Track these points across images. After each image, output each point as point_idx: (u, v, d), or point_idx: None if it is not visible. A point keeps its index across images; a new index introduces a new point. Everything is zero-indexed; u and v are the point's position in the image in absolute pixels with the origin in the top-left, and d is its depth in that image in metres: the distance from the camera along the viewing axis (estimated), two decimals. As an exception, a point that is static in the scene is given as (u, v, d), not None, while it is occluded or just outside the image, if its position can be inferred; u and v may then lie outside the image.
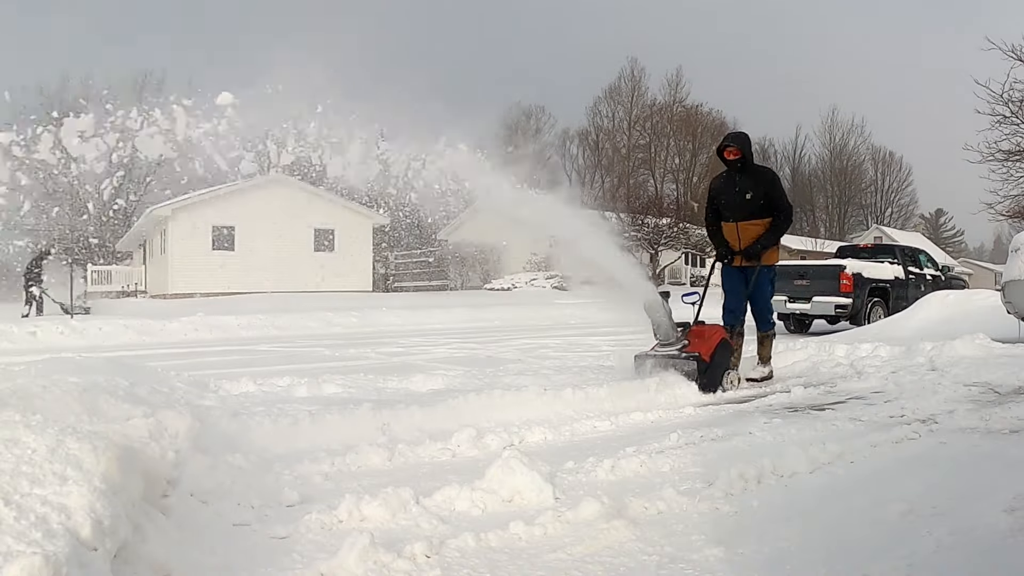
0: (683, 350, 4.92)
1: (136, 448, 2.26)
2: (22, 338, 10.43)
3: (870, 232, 54.85)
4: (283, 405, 3.88)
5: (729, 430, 3.52)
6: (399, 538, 2.05)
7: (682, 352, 4.91)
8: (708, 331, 5.18)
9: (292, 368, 6.66)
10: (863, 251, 14.41)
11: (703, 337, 5.06)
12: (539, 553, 2.01)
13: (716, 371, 4.93)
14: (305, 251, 26.69)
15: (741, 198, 5.46)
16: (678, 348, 4.95)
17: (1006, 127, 16.56)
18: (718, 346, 4.99)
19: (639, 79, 51.92)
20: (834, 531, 2.16)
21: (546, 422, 3.74)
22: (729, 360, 5.12)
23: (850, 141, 65.68)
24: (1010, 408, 3.93)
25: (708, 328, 5.23)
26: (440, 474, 2.80)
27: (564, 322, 15.06)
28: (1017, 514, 2.21)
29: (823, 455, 2.91)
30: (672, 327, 5.01)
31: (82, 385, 2.88)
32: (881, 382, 5.03)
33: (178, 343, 10.71)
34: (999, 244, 64.40)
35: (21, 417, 2.19)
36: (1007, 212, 18.40)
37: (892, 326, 9.95)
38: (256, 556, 1.98)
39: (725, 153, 5.46)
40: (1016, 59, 15.62)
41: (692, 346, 4.96)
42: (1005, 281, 8.42)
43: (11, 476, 1.66)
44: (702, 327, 5.26)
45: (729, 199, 5.54)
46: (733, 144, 5.43)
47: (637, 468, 2.82)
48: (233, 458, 2.74)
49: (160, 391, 3.42)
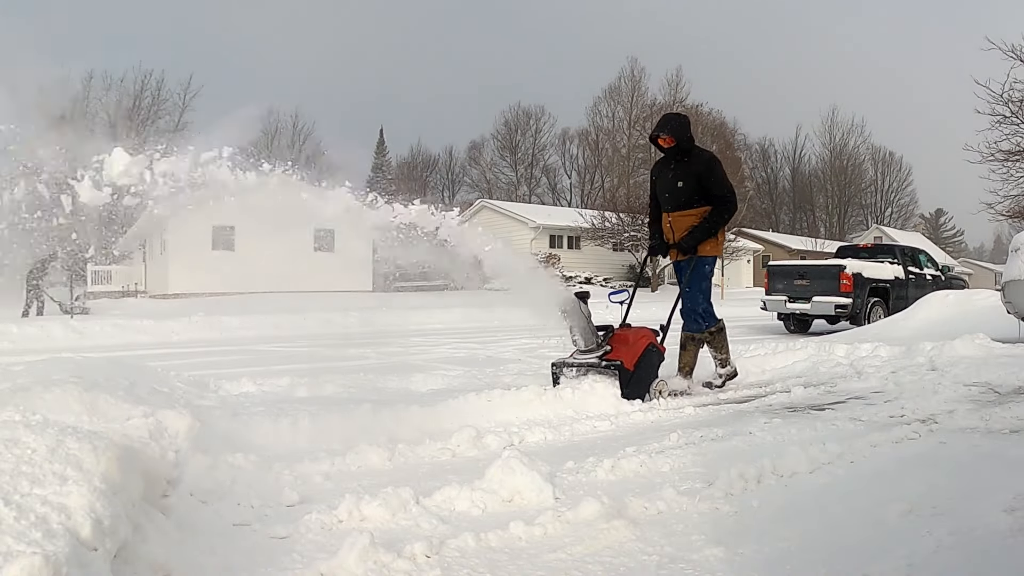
0: (604, 357, 4.46)
1: (136, 448, 2.26)
2: (22, 338, 10.43)
3: (870, 232, 54.89)
4: (283, 405, 3.88)
5: (729, 430, 3.52)
6: (399, 538, 2.05)
7: (603, 360, 4.45)
8: (634, 336, 4.68)
9: (292, 368, 6.66)
10: (863, 251, 14.42)
11: (627, 342, 4.58)
12: (539, 553, 2.01)
13: (641, 379, 4.49)
14: (305, 251, 26.69)
15: (673, 186, 4.97)
16: (598, 355, 4.48)
17: (1006, 127, 16.55)
18: (644, 352, 4.55)
19: (639, 79, 51.90)
20: (834, 531, 2.15)
21: (545, 422, 3.75)
22: (657, 367, 4.69)
23: (850, 141, 65.79)
24: (1010, 408, 3.93)
25: (633, 332, 4.74)
26: (440, 474, 2.80)
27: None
28: (1017, 514, 2.21)
29: (823, 455, 2.91)
30: (591, 332, 4.54)
31: (82, 385, 2.87)
32: (881, 382, 5.03)
33: (178, 343, 10.71)
34: (999, 244, 64.41)
35: (21, 417, 2.19)
36: (1007, 212, 18.40)
37: (892, 326, 9.96)
38: (256, 556, 1.98)
39: (659, 141, 4.96)
40: (1016, 59, 15.61)
41: (614, 353, 4.49)
42: (1005, 281, 8.42)
43: (11, 476, 1.66)
44: (626, 331, 4.77)
45: (663, 188, 5.08)
46: (665, 132, 4.90)
47: (637, 468, 2.82)
48: (233, 458, 2.74)
49: (160, 391, 3.42)
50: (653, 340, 4.72)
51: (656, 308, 20.50)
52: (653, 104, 50.66)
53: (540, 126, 61.24)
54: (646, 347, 4.59)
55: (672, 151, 4.96)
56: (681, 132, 4.89)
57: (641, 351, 4.54)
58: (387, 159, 64.84)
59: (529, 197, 57.84)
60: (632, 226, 31.27)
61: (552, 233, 33.90)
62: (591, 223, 32.19)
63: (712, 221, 4.88)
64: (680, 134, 4.88)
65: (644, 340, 4.64)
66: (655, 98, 51.68)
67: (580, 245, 34.27)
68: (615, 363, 4.39)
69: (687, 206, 4.94)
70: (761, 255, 43.15)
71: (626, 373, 4.37)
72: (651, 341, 4.69)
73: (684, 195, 4.93)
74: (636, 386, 4.40)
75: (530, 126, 61.47)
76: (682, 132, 4.90)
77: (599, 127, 55.04)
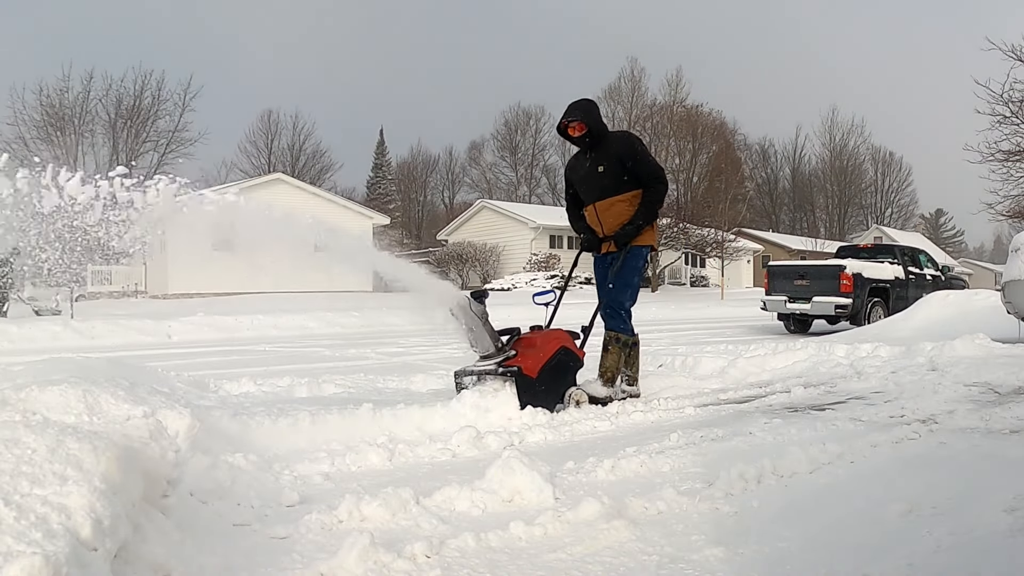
0: (503, 364, 3.97)
1: (136, 448, 2.26)
2: (22, 338, 10.43)
3: (870, 232, 54.91)
4: (283, 405, 3.88)
5: (729, 430, 3.52)
6: (399, 538, 2.05)
7: (500, 367, 3.96)
8: (542, 339, 4.21)
9: (292, 368, 6.66)
10: (863, 251, 14.44)
11: (533, 347, 4.12)
12: (539, 553, 2.01)
13: (549, 388, 4.05)
14: (305, 251, 26.68)
15: (594, 174, 4.53)
16: (497, 361, 3.99)
17: (1006, 127, 16.59)
18: (552, 358, 4.10)
19: (639, 79, 51.89)
20: (834, 531, 2.16)
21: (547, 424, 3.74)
22: (572, 374, 4.26)
23: (850, 141, 65.83)
24: (1010, 408, 3.93)
25: (543, 335, 4.27)
26: (440, 474, 2.81)
27: (565, 322, 15.02)
28: (1017, 514, 2.21)
29: (823, 455, 2.91)
30: (491, 336, 4.04)
31: (82, 385, 2.87)
32: (881, 382, 5.03)
33: (178, 343, 10.71)
34: (999, 244, 64.44)
35: (21, 417, 2.19)
36: (1007, 212, 18.43)
37: (892, 326, 9.96)
38: (256, 556, 1.98)
39: (569, 131, 4.47)
40: (1016, 59, 15.64)
41: (517, 358, 4.01)
42: (1005, 281, 8.43)
43: (11, 476, 1.66)
44: (534, 334, 4.29)
45: (582, 180, 4.64)
46: (574, 119, 4.42)
47: (637, 468, 2.82)
48: (233, 458, 2.75)
49: (160, 391, 3.42)
50: (567, 343, 4.26)
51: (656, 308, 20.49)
52: (653, 104, 50.65)
53: (540, 126, 61.25)
54: (555, 352, 4.13)
55: (585, 141, 4.51)
56: (591, 117, 4.45)
57: (548, 356, 4.08)
58: (387, 159, 64.86)
59: (529, 197, 57.85)
60: (632, 226, 31.27)
61: (552, 233, 33.90)
62: (591, 223, 32.16)
63: (648, 204, 4.46)
64: (591, 119, 4.44)
65: (554, 344, 4.17)
66: (655, 98, 51.71)
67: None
68: (512, 370, 3.92)
69: (614, 191, 4.50)
70: (761, 255, 43.17)
71: (526, 380, 3.91)
72: (563, 345, 4.22)
73: (608, 180, 4.48)
74: (542, 395, 3.97)
75: (530, 126, 61.51)
76: (592, 117, 4.46)
77: (599, 127, 55.02)
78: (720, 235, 33.49)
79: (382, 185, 63.44)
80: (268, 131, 55.76)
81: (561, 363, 4.18)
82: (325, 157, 57.47)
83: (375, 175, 63.84)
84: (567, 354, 4.24)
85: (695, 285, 37.17)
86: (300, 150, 56.44)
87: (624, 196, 4.50)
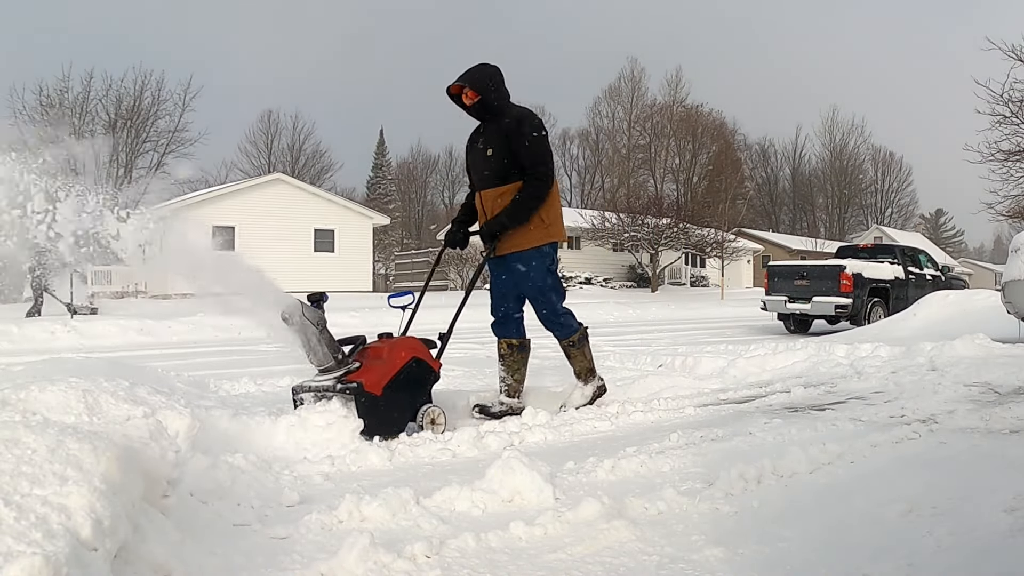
0: (342, 379, 3.45)
1: (136, 448, 2.26)
2: (22, 338, 10.43)
3: (870, 232, 54.91)
4: (283, 405, 3.88)
5: (729, 430, 3.52)
6: (399, 538, 2.05)
7: (339, 382, 3.44)
8: (391, 349, 3.65)
9: (292, 368, 6.65)
10: (863, 251, 14.45)
11: (380, 358, 3.59)
12: (539, 553, 2.01)
13: (395, 406, 3.51)
14: (305, 251, 26.72)
15: (483, 156, 3.92)
16: (337, 376, 3.47)
17: (1006, 127, 16.58)
18: (402, 371, 3.57)
19: (639, 79, 51.99)
20: (834, 531, 2.16)
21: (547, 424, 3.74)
22: (426, 389, 3.71)
23: (850, 141, 65.85)
24: (1010, 408, 3.93)
25: (391, 345, 3.71)
26: (440, 474, 2.81)
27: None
28: (1017, 514, 2.21)
29: (823, 455, 2.91)
30: (328, 346, 3.49)
31: (82, 385, 2.87)
32: (881, 382, 5.03)
33: (178, 343, 10.71)
34: (999, 244, 64.47)
35: (21, 417, 2.19)
36: (1007, 212, 18.42)
37: (892, 326, 9.97)
38: (256, 556, 1.98)
39: (462, 97, 3.87)
40: (1016, 59, 15.62)
41: (359, 371, 3.49)
42: (1005, 281, 8.43)
43: (11, 476, 1.66)
44: (381, 343, 3.74)
45: (473, 159, 4.06)
46: (466, 84, 3.81)
47: (637, 468, 2.82)
48: (233, 458, 2.75)
49: (160, 391, 3.42)
50: (419, 353, 3.70)
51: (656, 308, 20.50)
52: (653, 104, 50.64)
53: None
54: (405, 364, 3.60)
55: (479, 112, 3.90)
56: (482, 84, 3.80)
57: (396, 370, 3.55)
58: (387, 159, 64.85)
59: (529, 197, 57.74)
60: (632, 226, 31.26)
61: (552, 233, 33.89)
62: (591, 223, 32.20)
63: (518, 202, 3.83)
64: (481, 86, 3.78)
65: (403, 354, 3.62)
66: (655, 98, 51.74)
67: (580, 245, 34.27)
68: (351, 386, 3.39)
69: (500, 180, 3.88)
70: (761, 255, 43.17)
71: (368, 398, 3.37)
72: (414, 356, 3.66)
73: (495, 165, 3.86)
74: (386, 415, 3.44)
75: (530, 126, 61.37)
76: (484, 85, 3.80)
77: (599, 127, 55.17)
78: (720, 235, 33.49)
79: (382, 185, 63.44)
80: (268, 131, 55.82)
81: (412, 376, 3.62)
82: (325, 157, 57.55)
83: (375, 175, 63.83)
84: (419, 365, 3.68)
85: (695, 285, 37.17)
86: (300, 150, 56.50)
87: (511, 187, 3.88)
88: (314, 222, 26.84)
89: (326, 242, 27.20)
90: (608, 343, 9.20)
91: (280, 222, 25.81)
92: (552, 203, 3.99)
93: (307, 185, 29.45)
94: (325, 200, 28.25)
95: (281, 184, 27.34)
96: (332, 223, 27.33)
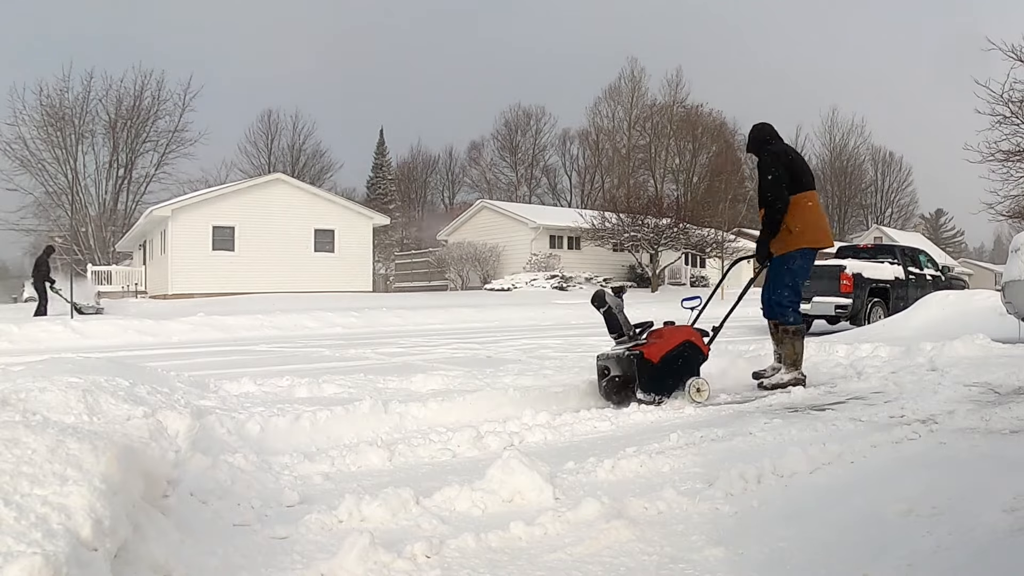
0: (631, 348, 4.46)
1: (136, 448, 2.26)
2: (22, 338, 10.43)
3: (870, 232, 54.90)
4: (283, 405, 3.88)
5: (729, 430, 3.52)
6: (399, 538, 2.05)
7: (627, 350, 4.46)
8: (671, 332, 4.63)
9: (292, 368, 6.66)
10: (863, 251, 14.41)
11: (662, 337, 4.59)
12: (539, 553, 2.01)
13: (667, 374, 4.45)
14: (305, 251, 26.71)
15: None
16: (627, 346, 4.53)
17: (1006, 127, 16.57)
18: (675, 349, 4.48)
19: (639, 79, 51.95)
20: (834, 531, 2.16)
21: (547, 424, 3.74)
22: (695, 367, 4.62)
23: (850, 141, 65.82)
24: (1010, 408, 3.93)
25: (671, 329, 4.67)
26: (440, 474, 2.80)
27: (565, 322, 15.05)
28: (1017, 514, 2.21)
29: (823, 455, 2.91)
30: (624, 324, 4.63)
31: (82, 385, 2.87)
32: (881, 382, 5.03)
33: (178, 343, 10.71)
34: (999, 244, 64.46)
35: (21, 417, 2.19)
36: (1007, 212, 18.41)
37: (892, 326, 9.95)
38: (256, 556, 1.98)
39: None
40: (1016, 59, 15.62)
41: (643, 345, 4.52)
42: (1005, 281, 8.41)
43: (11, 476, 1.66)
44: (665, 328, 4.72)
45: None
46: None
47: (637, 468, 2.82)
48: (233, 458, 2.75)
49: (160, 391, 3.42)
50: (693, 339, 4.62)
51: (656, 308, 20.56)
52: (653, 104, 50.63)
53: (540, 126, 61.20)
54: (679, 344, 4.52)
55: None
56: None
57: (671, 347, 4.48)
58: (387, 159, 64.84)
59: (529, 197, 57.78)
60: (632, 226, 31.24)
61: (552, 233, 33.89)
62: (591, 223, 32.18)
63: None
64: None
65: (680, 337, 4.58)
66: (655, 98, 51.73)
67: (580, 245, 34.25)
68: (635, 353, 4.38)
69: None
70: (761, 255, 43.02)
71: (647, 364, 4.33)
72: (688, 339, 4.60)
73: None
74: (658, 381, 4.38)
75: (530, 126, 61.42)
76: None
77: (599, 127, 55.10)
78: (720, 235, 33.47)
79: (382, 185, 63.41)
80: (268, 131, 55.79)
81: (684, 355, 4.53)
82: (325, 157, 57.54)
83: (375, 175, 63.82)
84: (691, 347, 4.58)
85: (695, 285, 37.12)
86: (300, 150, 56.47)
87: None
88: (314, 222, 26.82)
89: (326, 242, 27.17)
90: (608, 343, 9.19)
91: (280, 222, 25.80)
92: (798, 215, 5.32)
93: (307, 185, 29.42)
94: (325, 200, 28.23)
95: (281, 184, 27.32)
96: (332, 223, 27.30)
